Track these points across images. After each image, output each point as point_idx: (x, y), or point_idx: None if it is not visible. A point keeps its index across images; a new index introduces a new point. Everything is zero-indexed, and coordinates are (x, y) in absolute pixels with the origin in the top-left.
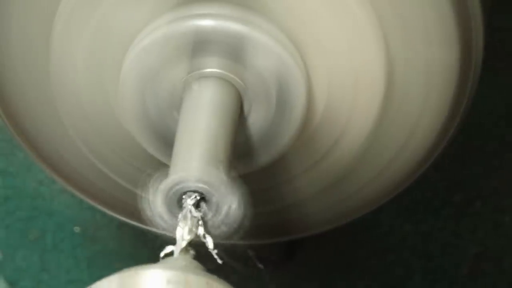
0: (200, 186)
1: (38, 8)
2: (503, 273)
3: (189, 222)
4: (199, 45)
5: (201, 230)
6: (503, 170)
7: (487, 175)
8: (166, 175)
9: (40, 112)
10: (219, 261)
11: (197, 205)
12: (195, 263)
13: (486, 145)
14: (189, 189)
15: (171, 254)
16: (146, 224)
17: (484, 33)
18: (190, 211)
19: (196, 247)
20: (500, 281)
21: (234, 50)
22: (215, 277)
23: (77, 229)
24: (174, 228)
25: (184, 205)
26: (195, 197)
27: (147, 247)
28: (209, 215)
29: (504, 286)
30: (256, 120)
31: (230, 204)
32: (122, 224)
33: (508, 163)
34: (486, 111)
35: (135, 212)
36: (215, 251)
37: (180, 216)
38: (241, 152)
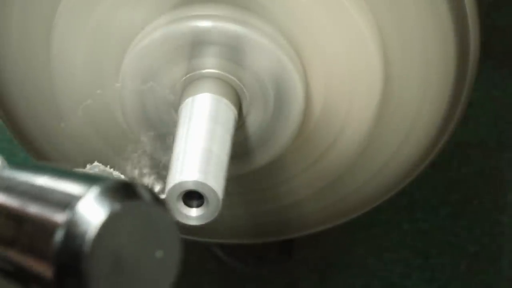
0: (199, 188)
1: (38, 9)
2: (500, 271)
3: None
4: (197, 46)
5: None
6: (501, 169)
7: (485, 174)
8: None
9: (40, 112)
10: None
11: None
12: None
13: (484, 144)
14: (188, 190)
15: None
16: None
17: (480, 33)
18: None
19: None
20: (497, 280)
21: (232, 51)
22: None
23: None
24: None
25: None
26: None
27: None
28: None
29: (501, 284)
30: (254, 120)
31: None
32: None
33: (506, 163)
34: (484, 109)
35: None
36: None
37: None
38: (240, 152)
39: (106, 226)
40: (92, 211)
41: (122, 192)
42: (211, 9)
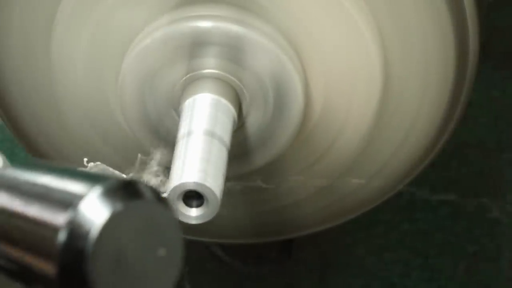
0: (199, 189)
1: (38, 9)
2: (499, 271)
3: None
4: (197, 46)
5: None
6: (500, 169)
7: (484, 174)
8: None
9: (40, 112)
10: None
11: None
12: None
13: (483, 145)
14: (188, 189)
15: None
16: None
17: (480, 33)
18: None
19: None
20: (496, 280)
21: (232, 51)
22: None
23: None
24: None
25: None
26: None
27: None
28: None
29: (500, 284)
30: (254, 120)
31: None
32: None
33: (505, 163)
34: (484, 110)
35: None
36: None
37: None
38: (239, 152)
39: (108, 226)
40: (94, 210)
41: (124, 191)
42: (212, 9)
